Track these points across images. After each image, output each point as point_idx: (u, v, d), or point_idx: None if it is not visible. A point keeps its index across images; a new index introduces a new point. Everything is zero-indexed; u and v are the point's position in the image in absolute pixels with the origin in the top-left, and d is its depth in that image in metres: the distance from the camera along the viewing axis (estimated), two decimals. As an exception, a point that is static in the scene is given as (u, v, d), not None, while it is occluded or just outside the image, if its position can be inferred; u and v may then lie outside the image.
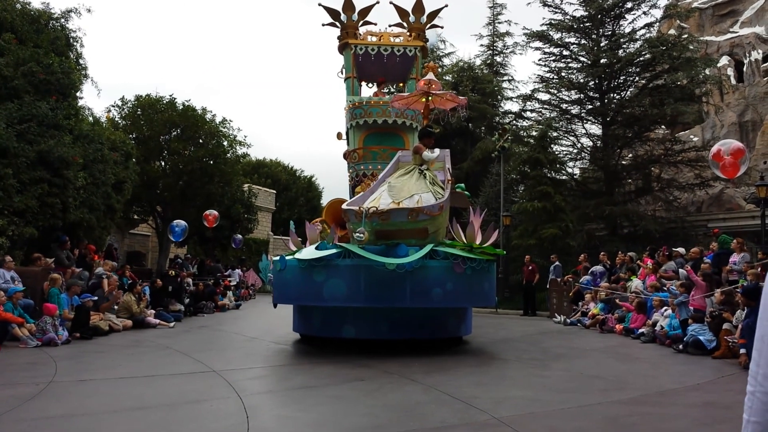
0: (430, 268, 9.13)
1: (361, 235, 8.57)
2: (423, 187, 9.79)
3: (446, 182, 10.26)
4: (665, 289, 12.33)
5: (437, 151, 10.44)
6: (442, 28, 14.09)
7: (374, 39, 13.28)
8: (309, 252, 9.61)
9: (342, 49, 13.37)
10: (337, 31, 13.42)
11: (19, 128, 14.44)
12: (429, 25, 13.64)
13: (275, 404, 5.93)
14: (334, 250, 9.30)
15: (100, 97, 56.76)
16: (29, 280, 11.83)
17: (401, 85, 14.78)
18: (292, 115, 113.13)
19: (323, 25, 13.52)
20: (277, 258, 10.28)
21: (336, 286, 9.08)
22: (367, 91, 14.68)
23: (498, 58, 33.22)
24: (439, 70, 32.99)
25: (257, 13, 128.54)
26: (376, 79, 14.44)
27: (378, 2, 13.68)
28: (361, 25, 13.49)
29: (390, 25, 13.75)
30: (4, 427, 5.03)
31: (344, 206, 9.51)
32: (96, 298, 12.43)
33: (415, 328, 9.91)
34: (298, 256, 9.68)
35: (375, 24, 13.73)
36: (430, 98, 10.98)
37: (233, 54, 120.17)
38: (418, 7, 13.48)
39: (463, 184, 11.91)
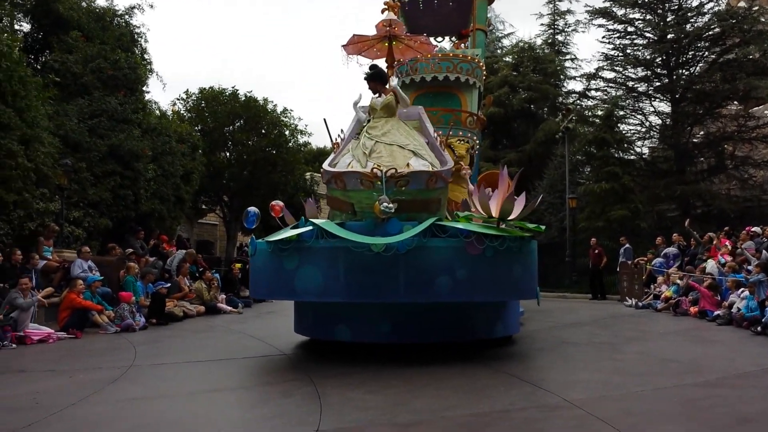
0: (432, 250, 6.90)
1: (390, 205, 6.75)
2: (410, 139, 7.81)
3: (440, 143, 8.46)
4: (744, 269, 11.88)
5: (380, 98, 8.24)
6: None
7: None
8: (285, 232, 7.70)
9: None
10: None
11: (91, 123, 15.03)
12: None
13: (345, 387, 5.99)
14: (306, 229, 7.35)
15: (165, 90, 58.50)
16: (105, 270, 12.29)
17: (463, 38, 12.63)
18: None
19: None
20: (249, 240, 8.38)
21: (309, 275, 7.04)
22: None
23: (559, 37, 32.32)
24: (498, 51, 32.49)
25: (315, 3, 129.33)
26: (430, 31, 12.57)
27: None
28: None
29: None
30: (89, 408, 5.27)
31: (335, 168, 7.51)
32: (169, 285, 12.86)
33: (426, 329, 7.73)
34: (271, 237, 7.63)
35: None
36: (393, 42, 8.94)
37: (292, 43, 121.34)
38: None
39: None
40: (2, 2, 13.39)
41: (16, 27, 16.76)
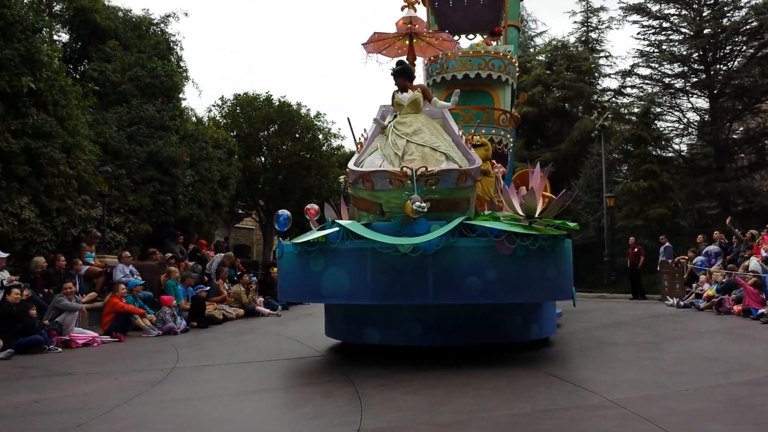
0: (461, 250, 6.66)
1: (423, 204, 6.48)
2: (440, 139, 7.56)
3: (465, 141, 7.96)
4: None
5: (406, 94, 7.92)
6: None
7: None
8: (311, 234, 7.50)
9: (424, 1, 11.74)
10: None
11: (130, 131, 15.33)
12: None
13: (384, 388, 5.99)
14: (333, 230, 7.18)
15: (201, 97, 59.35)
16: (146, 274, 12.53)
17: (496, 35, 12.26)
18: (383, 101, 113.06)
19: None
20: (277, 243, 8.21)
21: (336, 277, 6.86)
22: (467, 44, 12.36)
23: (593, 35, 31.90)
24: (531, 50, 32.22)
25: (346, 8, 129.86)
26: (463, 29, 12.46)
27: None
28: None
29: None
30: (136, 409, 5.37)
31: (362, 168, 7.31)
32: (208, 288, 13.04)
33: (458, 331, 7.48)
34: (297, 239, 7.45)
35: None
36: (414, 40, 8.73)
37: (322, 47, 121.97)
38: None
39: None
40: (42, 14, 13.72)
41: (56, 38, 17.16)
